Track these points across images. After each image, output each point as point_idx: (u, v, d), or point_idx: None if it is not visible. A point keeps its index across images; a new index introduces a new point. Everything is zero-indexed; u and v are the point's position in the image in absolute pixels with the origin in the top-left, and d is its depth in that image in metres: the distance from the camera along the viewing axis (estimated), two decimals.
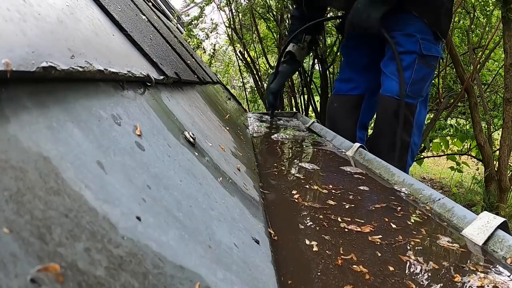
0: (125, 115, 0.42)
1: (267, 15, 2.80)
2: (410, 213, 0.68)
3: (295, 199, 0.72)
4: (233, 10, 2.70)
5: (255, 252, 0.43)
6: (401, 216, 0.66)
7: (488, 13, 2.47)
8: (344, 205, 0.70)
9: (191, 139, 0.57)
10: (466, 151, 2.86)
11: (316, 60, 2.70)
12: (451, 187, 3.04)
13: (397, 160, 1.34)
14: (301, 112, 2.83)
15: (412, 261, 0.50)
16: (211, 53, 2.68)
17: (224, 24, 2.83)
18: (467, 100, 2.31)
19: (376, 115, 1.56)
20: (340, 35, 2.17)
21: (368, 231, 0.58)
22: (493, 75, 2.98)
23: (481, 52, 2.34)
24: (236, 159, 0.80)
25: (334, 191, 0.78)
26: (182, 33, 2.57)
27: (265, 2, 2.53)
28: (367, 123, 1.78)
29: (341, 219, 0.62)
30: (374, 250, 0.52)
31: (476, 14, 2.50)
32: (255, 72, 3.00)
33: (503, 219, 0.57)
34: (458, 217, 0.65)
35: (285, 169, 0.95)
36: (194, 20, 2.28)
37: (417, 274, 0.48)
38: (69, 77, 0.33)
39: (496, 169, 2.16)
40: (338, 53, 2.41)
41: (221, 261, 0.34)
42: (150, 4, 1.95)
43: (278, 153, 1.18)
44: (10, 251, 0.16)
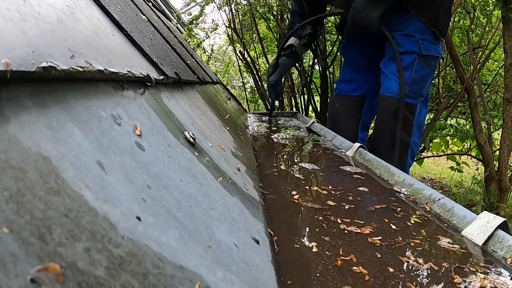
0: (125, 115, 0.42)
1: (267, 15, 2.80)
2: (410, 214, 0.68)
3: (295, 200, 0.72)
4: (233, 10, 2.70)
5: (255, 252, 0.43)
6: (401, 217, 0.66)
7: (488, 13, 2.47)
8: (344, 206, 0.70)
9: (191, 139, 0.57)
10: (466, 151, 2.86)
11: (316, 60, 2.70)
12: (451, 187, 3.03)
13: (397, 160, 1.34)
14: (301, 112, 2.83)
15: (412, 262, 0.50)
16: (209, 54, 2.68)
17: (224, 24, 2.83)
18: (467, 100, 2.31)
19: (376, 115, 1.56)
20: (340, 35, 2.17)
21: (368, 232, 0.58)
22: (493, 75, 2.98)
23: (481, 52, 2.34)
24: (236, 159, 0.80)
25: (334, 192, 0.78)
26: (182, 33, 2.57)
27: (265, 2, 2.53)
28: (369, 124, 1.78)
29: (341, 220, 0.62)
30: (374, 251, 0.52)
31: (476, 14, 2.50)
32: (255, 72, 3.00)
33: (503, 219, 0.57)
34: (458, 217, 0.65)
35: (285, 169, 0.95)
36: (195, 20, 2.28)
37: (417, 275, 0.48)
38: (69, 77, 0.33)
39: (496, 169, 2.16)
40: (338, 53, 2.41)
41: (221, 261, 0.34)
42: (150, 4, 1.95)
43: (278, 153, 1.18)
44: (10, 251, 0.16)
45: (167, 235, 0.29)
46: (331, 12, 2.19)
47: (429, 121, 2.52)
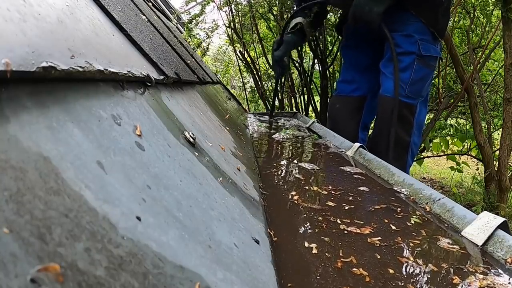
0: (125, 115, 0.42)
1: (267, 15, 2.80)
2: (410, 214, 0.68)
3: (295, 200, 0.72)
4: (233, 10, 2.70)
5: (255, 252, 0.43)
6: (401, 217, 0.66)
7: (488, 13, 2.47)
8: (344, 206, 0.70)
9: (191, 139, 0.57)
10: (466, 151, 2.86)
11: (316, 60, 2.70)
12: (451, 187, 3.03)
13: (394, 160, 1.34)
14: (301, 112, 2.83)
15: (413, 263, 0.50)
16: (204, 49, 2.65)
17: (224, 24, 2.83)
18: (467, 100, 2.31)
19: (376, 115, 1.56)
20: (339, 36, 2.16)
21: (368, 233, 0.58)
22: (493, 75, 2.98)
23: (481, 52, 2.34)
24: (236, 159, 0.80)
25: (334, 192, 0.78)
26: (182, 33, 2.57)
27: (265, 2, 2.53)
28: (369, 124, 1.78)
29: (341, 221, 0.62)
30: (374, 252, 0.52)
31: (476, 14, 2.50)
32: (255, 72, 3.00)
33: (503, 219, 0.57)
34: (458, 217, 0.65)
35: (285, 169, 0.95)
36: (195, 19, 2.28)
37: (418, 277, 0.47)
38: (69, 77, 0.33)
39: (496, 169, 2.16)
40: (338, 53, 2.41)
41: (221, 261, 0.34)
42: (150, 4, 1.95)
43: (278, 153, 1.18)
44: (10, 251, 0.16)
45: (167, 235, 0.29)
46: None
47: (429, 121, 2.52)
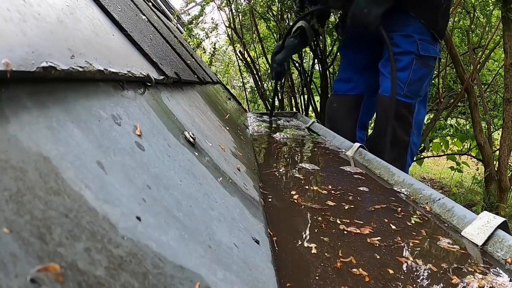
0: (125, 115, 0.42)
1: (267, 15, 2.80)
2: (410, 214, 0.68)
3: (295, 200, 0.72)
4: (233, 10, 2.70)
5: (255, 252, 0.43)
6: (401, 217, 0.66)
7: (488, 13, 2.47)
8: (344, 206, 0.70)
9: (191, 139, 0.57)
10: (466, 151, 2.85)
11: (316, 60, 2.70)
12: (451, 187, 3.03)
13: (394, 159, 1.34)
14: (301, 112, 2.83)
15: (413, 264, 0.50)
16: (211, 52, 2.67)
17: (224, 24, 2.83)
18: (467, 100, 2.31)
19: (376, 115, 1.56)
20: (339, 35, 2.16)
21: (368, 233, 0.58)
22: (493, 75, 2.98)
23: (481, 52, 2.34)
24: (236, 159, 0.80)
25: (334, 192, 0.78)
26: (182, 33, 2.57)
27: (265, 2, 2.53)
28: (367, 123, 1.79)
29: (340, 221, 0.62)
30: (373, 253, 0.52)
31: (476, 14, 2.50)
32: (255, 72, 3.00)
33: (503, 219, 0.57)
34: (458, 217, 0.65)
35: (285, 169, 0.95)
36: (195, 19, 2.28)
37: (418, 277, 0.47)
38: (69, 77, 0.33)
39: (496, 169, 2.16)
40: (338, 53, 2.41)
41: (221, 261, 0.34)
42: (150, 4, 1.95)
43: (278, 153, 1.18)
44: (10, 251, 0.16)
45: (167, 235, 0.29)
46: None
47: (429, 121, 2.52)
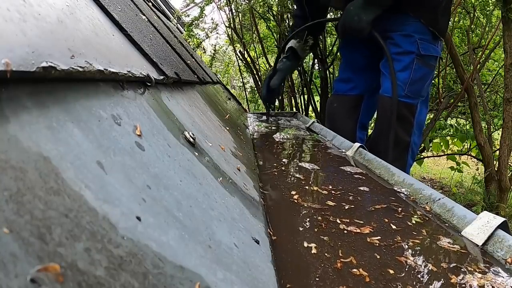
0: (125, 115, 0.42)
1: (267, 15, 2.80)
2: (410, 214, 0.68)
3: (295, 200, 0.72)
4: (233, 10, 2.70)
5: (255, 252, 0.43)
6: (401, 217, 0.66)
7: (488, 13, 2.47)
8: (344, 206, 0.70)
9: (191, 139, 0.57)
10: (466, 151, 2.86)
11: (316, 60, 2.70)
12: (451, 187, 3.04)
13: (395, 159, 1.34)
14: (301, 112, 2.83)
15: (413, 264, 0.50)
16: (212, 54, 2.67)
17: (224, 24, 2.83)
18: (467, 100, 2.31)
19: (376, 116, 1.56)
20: (339, 36, 2.16)
21: (368, 233, 0.58)
22: (493, 75, 2.98)
23: (481, 52, 2.34)
24: (236, 159, 0.80)
25: (334, 192, 0.78)
26: (182, 33, 2.57)
27: (265, 2, 2.53)
28: (367, 124, 1.79)
29: (340, 221, 0.62)
30: (374, 252, 0.52)
31: (476, 14, 2.50)
32: (255, 72, 3.00)
33: (503, 219, 0.57)
34: (458, 217, 0.65)
35: (285, 169, 0.95)
36: (195, 21, 2.28)
37: (418, 277, 0.47)
38: (69, 77, 0.33)
39: (496, 169, 2.16)
40: (338, 53, 2.42)
41: (221, 261, 0.34)
42: (150, 4, 1.95)
43: (278, 153, 1.18)
44: (10, 251, 0.16)
45: (167, 235, 0.29)
46: (332, 18, 2.20)
47: (429, 121, 2.52)
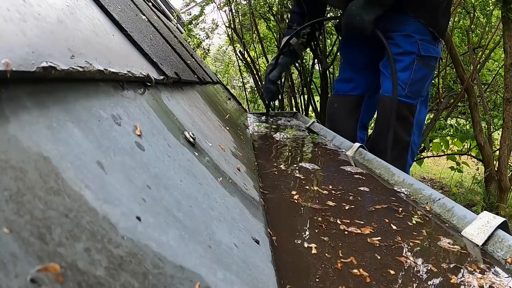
0: (125, 115, 0.42)
1: (267, 15, 2.80)
2: (411, 214, 0.68)
3: (295, 200, 0.72)
4: (233, 10, 2.70)
5: (255, 252, 0.43)
6: (402, 217, 0.66)
7: (488, 13, 2.47)
8: (344, 206, 0.70)
9: (191, 139, 0.57)
10: (466, 151, 2.86)
11: (316, 60, 2.70)
12: (451, 187, 3.04)
13: (394, 159, 1.34)
14: (301, 112, 2.83)
15: (413, 264, 0.50)
16: (206, 50, 2.66)
17: (224, 24, 2.83)
18: (467, 100, 2.31)
19: (376, 115, 1.56)
20: (339, 35, 2.17)
21: (368, 233, 0.58)
22: (493, 75, 2.98)
23: (481, 52, 2.34)
24: (236, 159, 0.80)
25: (334, 192, 0.78)
26: (182, 33, 2.57)
27: (266, 2, 2.53)
28: (367, 124, 1.79)
29: (341, 221, 0.62)
30: (374, 253, 0.52)
31: (476, 14, 2.50)
32: (255, 72, 3.00)
33: (503, 219, 0.57)
34: (458, 217, 0.65)
35: (285, 169, 0.95)
36: (194, 20, 2.28)
37: (418, 277, 0.47)
38: (69, 77, 0.33)
39: (496, 169, 2.16)
40: (338, 53, 2.42)
41: (221, 261, 0.34)
42: (150, 4, 1.95)
43: (278, 153, 1.18)
44: (10, 251, 0.16)
45: (167, 235, 0.29)
46: (331, 16, 2.20)
47: (429, 121, 2.52)
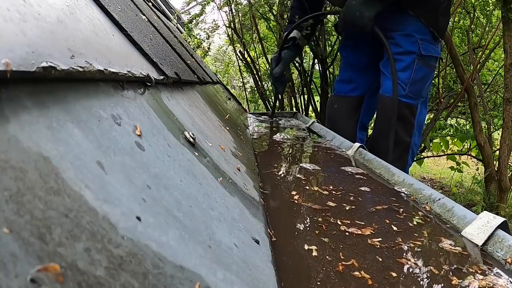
0: (125, 115, 0.42)
1: (267, 15, 2.80)
2: (412, 215, 0.68)
3: (295, 200, 0.72)
4: (233, 10, 2.70)
5: (255, 252, 0.43)
6: (402, 218, 0.66)
7: (488, 13, 2.47)
8: (345, 207, 0.69)
9: (191, 139, 0.57)
10: (466, 151, 2.86)
11: (316, 60, 2.70)
12: (451, 187, 3.04)
13: (395, 160, 1.34)
14: (301, 112, 2.83)
15: (415, 266, 0.50)
16: (206, 49, 2.66)
17: (224, 24, 2.83)
18: (467, 100, 2.31)
19: (376, 116, 1.56)
20: (339, 35, 2.17)
21: (369, 234, 0.58)
22: (493, 75, 2.99)
23: (481, 52, 2.34)
24: (236, 159, 0.80)
25: (335, 192, 0.78)
26: (182, 33, 2.57)
27: (267, 2, 2.53)
28: (367, 124, 1.78)
29: (341, 222, 0.62)
30: (375, 255, 0.52)
31: (476, 14, 2.50)
32: (255, 72, 3.00)
33: (503, 219, 0.57)
34: (458, 217, 0.65)
35: (285, 169, 0.95)
36: (195, 19, 2.28)
37: (420, 279, 0.47)
38: (69, 77, 0.33)
39: (496, 169, 2.16)
40: (338, 53, 2.41)
41: (221, 261, 0.34)
42: (150, 4, 1.95)
43: (278, 153, 1.18)
44: (10, 251, 0.16)
45: (167, 235, 0.29)
46: (332, 10, 2.19)
47: (429, 121, 2.52)
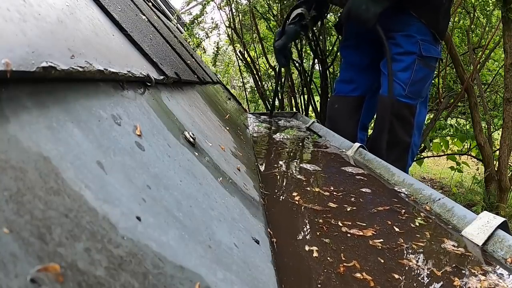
0: (125, 115, 0.42)
1: (267, 15, 2.80)
2: (413, 216, 0.68)
3: (296, 201, 0.71)
4: (233, 10, 2.70)
5: (255, 252, 0.43)
6: (404, 219, 0.66)
7: (488, 13, 2.47)
8: (346, 208, 0.69)
9: (191, 139, 0.57)
10: (466, 151, 2.86)
11: (316, 60, 2.70)
12: (451, 187, 3.03)
13: (395, 160, 1.34)
14: (301, 112, 2.83)
15: (417, 267, 0.50)
16: (215, 52, 2.67)
17: (224, 24, 2.83)
18: (467, 100, 2.31)
19: (376, 115, 1.56)
20: (339, 35, 2.16)
21: (370, 235, 0.58)
22: (493, 75, 2.98)
23: (481, 52, 2.34)
24: (236, 159, 0.80)
25: (336, 193, 0.77)
26: (182, 33, 2.57)
27: (266, 1, 2.53)
28: (367, 124, 1.78)
29: (342, 223, 0.62)
30: (377, 256, 0.51)
31: (476, 14, 2.50)
32: (255, 72, 3.00)
33: (503, 219, 0.57)
34: (458, 217, 0.65)
35: (285, 170, 0.95)
36: (196, 19, 2.28)
37: (421, 279, 0.47)
38: (69, 77, 0.33)
39: (496, 169, 2.16)
40: (339, 53, 2.41)
41: (221, 261, 0.34)
42: (150, 4, 1.95)
43: (278, 153, 1.18)
44: (10, 251, 0.16)
45: (167, 235, 0.29)
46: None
47: (429, 121, 2.52)
